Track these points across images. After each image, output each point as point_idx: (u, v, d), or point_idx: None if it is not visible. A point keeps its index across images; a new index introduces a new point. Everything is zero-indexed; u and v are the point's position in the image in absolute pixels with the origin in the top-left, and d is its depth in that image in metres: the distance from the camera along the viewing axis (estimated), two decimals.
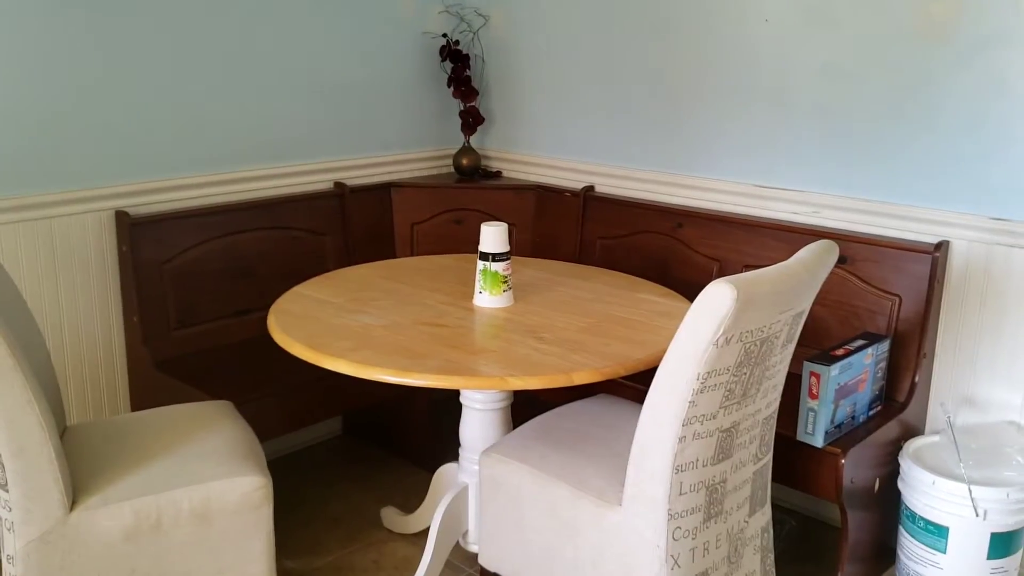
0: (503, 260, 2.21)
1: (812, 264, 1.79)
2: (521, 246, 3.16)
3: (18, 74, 2.35)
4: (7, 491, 1.75)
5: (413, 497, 2.77)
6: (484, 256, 2.21)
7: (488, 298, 2.23)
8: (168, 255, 2.63)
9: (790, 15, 2.58)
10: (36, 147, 2.42)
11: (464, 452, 2.32)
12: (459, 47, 3.26)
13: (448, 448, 2.84)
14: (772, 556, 2.08)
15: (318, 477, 2.97)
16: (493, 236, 2.21)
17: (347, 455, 3.13)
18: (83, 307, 2.56)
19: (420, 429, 3.02)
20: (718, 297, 1.58)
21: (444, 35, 3.26)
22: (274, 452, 3.03)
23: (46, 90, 2.41)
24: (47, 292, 2.48)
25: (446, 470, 2.47)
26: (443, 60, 3.26)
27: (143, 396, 2.62)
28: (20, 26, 2.34)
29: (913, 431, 2.43)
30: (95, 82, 2.49)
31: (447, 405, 2.78)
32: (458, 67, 3.25)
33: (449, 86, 3.27)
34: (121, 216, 2.53)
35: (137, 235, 2.56)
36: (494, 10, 3.29)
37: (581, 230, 3.09)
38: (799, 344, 1.95)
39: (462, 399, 2.30)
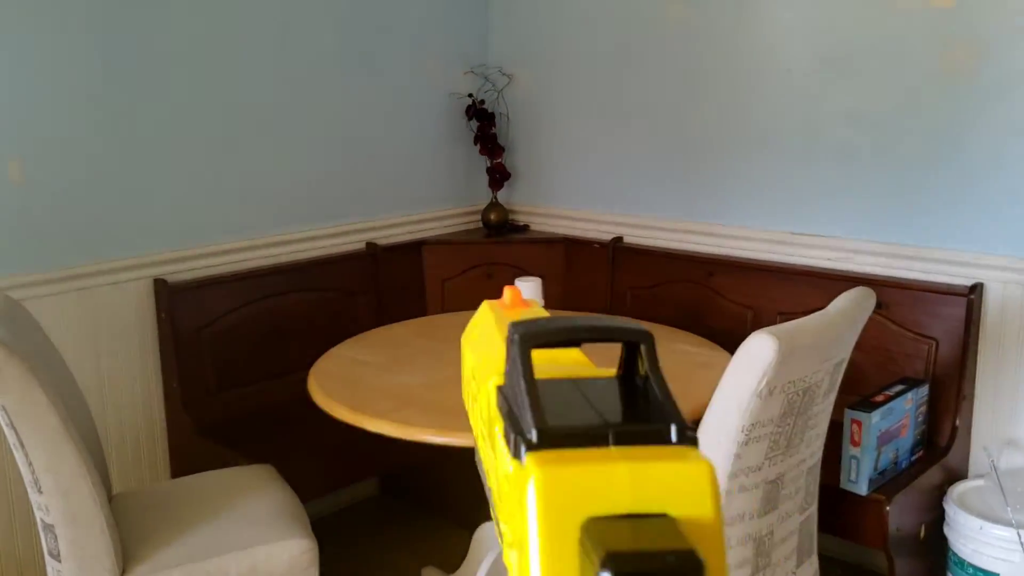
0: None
1: (851, 312, 1.80)
2: (552, 299, 3.18)
3: (57, 148, 2.42)
4: (60, 561, 1.77)
5: (453, 556, 2.76)
6: None
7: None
8: (206, 320, 2.67)
9: (812, 65, 2.62)
10: (76, 219, 2.47)
11: None
12: (484, 106, 3.32)
13: (486, 505, 2.83)
14: None
15: (358, 538, 2.96)
16: (527, 291, 2.23)
17: (385, 515, 3.13)
18: (124, 374, 2.60)
19: (457, 487, 3.02)
20: (760, 348, 1.59)
21: (470, 95, 3.32)
22: (313, 514, 3.02)
23: (85, 163, 2.47)
24: (88, 361, 2.52)
25: (487, 528, 2.46)
26: (469, 119, 3.31)
27: (184, 461, 2.64)
28: (60, 100, 2.41)
29: (957, 475, 2.41)
30: (132, 154, 2.56)
31: None
32: (484, 125, 3.30)
33: (476, 144, 3.33)
34: (160, 284, 2.58)
35: (175, 302, 2.60)
36: (517, 69, 3.35)
37: (611, 281, 3.11)
38: (839, 391, 1.95)
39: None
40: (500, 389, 0.44)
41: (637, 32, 3.00)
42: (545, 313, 0.53)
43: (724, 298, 2.81)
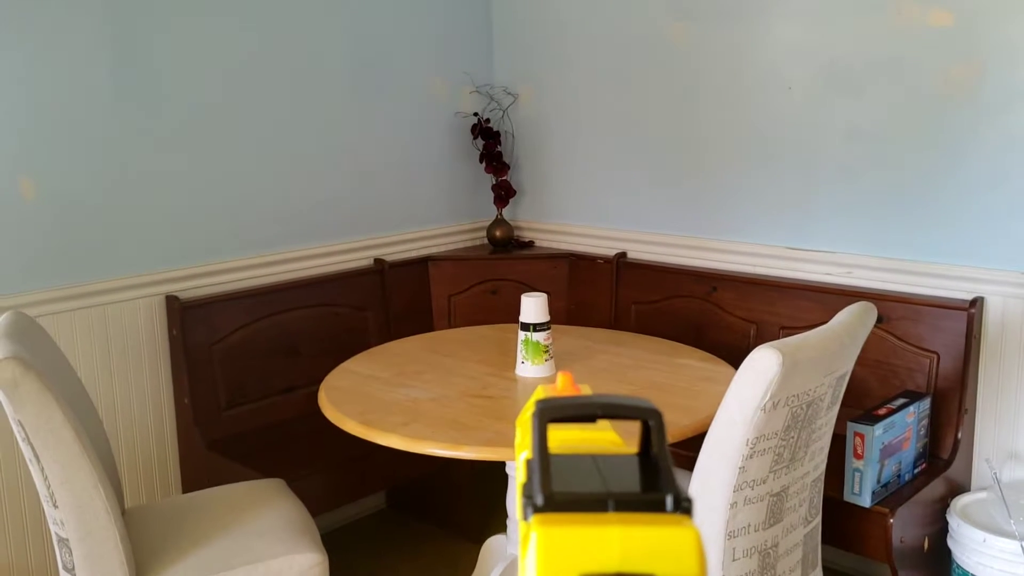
0: (544, 330, 2.26)
1: (853, 326, 1.83)
2: (556, 314, 3.22)
3: (71, 167, 2.46)
4: (74, 574, 1.80)
5: (460, 570, 2.78)
6: (525, 327, 2.26)
7: (531, 368, 2.28)
8: (217, 337, 2.71)
9: (813, 82, 2.66)
10: (88, 237, 2.51)
11: (513, 524, 2.34)
12: (490, 124, 3.36)
13: (493, 519, 2.85)
14: None
15: (366, 551, 2.99)
16: (533, 307, 2.26)
17: (392, 529, 3.15)
18: (136, 390, 2.63)
19: (464, 500, 3.05)
20: (764, 362, 1.62)
21: (475, 114, 3.37)
22: (322, 527, 3.05)
23: (98, 182, 2.51)
24: (101, 377, 2.56)
25: (494, 542, 2.49)
26: (475, 138, 3.36)
27: (195, 476, 2.67)
28: (72, 118, 2.45)
29: (959, 488, 2.43)
30: (144, 173, 2.60)
31: (490, 475, 2.81)
32: (489, 143, 3.35)
33: (481, 162, 3.37)
34: (171, 300, 2.62)
35: (187, 318, 2.64)
36: (522, 88, 3.40)
37: (615, 296, 3.14)
38: (842, 404, 1.98)
39: (508, 470, 2.33)
40: (528, 462, 0.50)
41: (639, 50, 3.05)
42: (587, 393, 0.61)
43: (727, 313, 2.84)
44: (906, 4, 2.46)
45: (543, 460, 0.47)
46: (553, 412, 0.49)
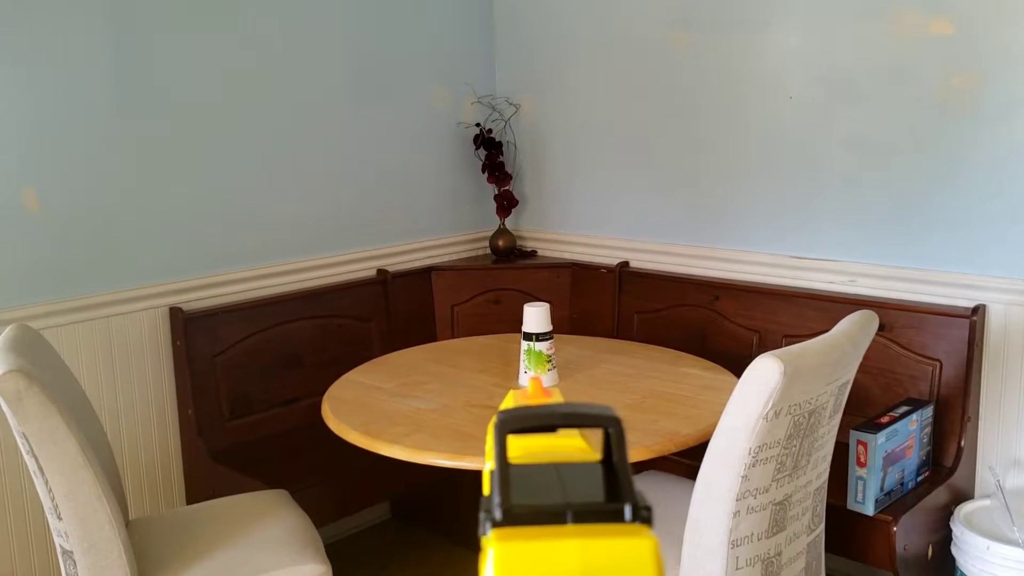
0: (546, 339, 2.27)
1: (854, 334, 1.83)
2: (559, 323, 3.22)
3: (74, 180, 2.47)
4: None
5: None
6: (528, 336, 2.26)
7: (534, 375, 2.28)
8: (220, 348, 2.71)
9: (814, 91, 2.67)
10: (92, 248, 2.52)
11: None
12: (492, 135, 3.37)
13: None
14: None
15: (370, 562, 2.99)
16: (536, 316, 2.26)
17: (396, 539, 3.15)
18: (139, 402, 2.64)
19: (468, 510, 3.04)
20: (766, 371, 1.62)
21: (478, 124, 3.38)
22: (326, 538, 3.05)
23: (101, 195, 2.53)
24: (105, 388, 2.56)
25: None
26: (477, 148, 3.37)
27: (198, 487, 2.68)
28: (75, 129, 2.47)
29: (963, 496, 2.43)
30: (147, 185, 2.61)
31: None
32: (492, 154, 3.36)
33: (483, 172, 3.38)
34: (175, 312, 2.63)
35: (191, 330, 2.64)
36: (524, 99, 3.41)
37: (618, 305, 3.14)
38: (844, 413, 1.98)
39: None
40: (491, 473, 0.50)
41: (640, 60, 3.06)
42: (558, 400, 0.60)
43: (730, 321, 2.85)
44: (907, 13, 2.47)
45: (503, 473, 0.47)
46: (512, 424, 0.49)
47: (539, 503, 0.46)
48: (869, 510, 2.17)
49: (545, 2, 3.29)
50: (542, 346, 2.26)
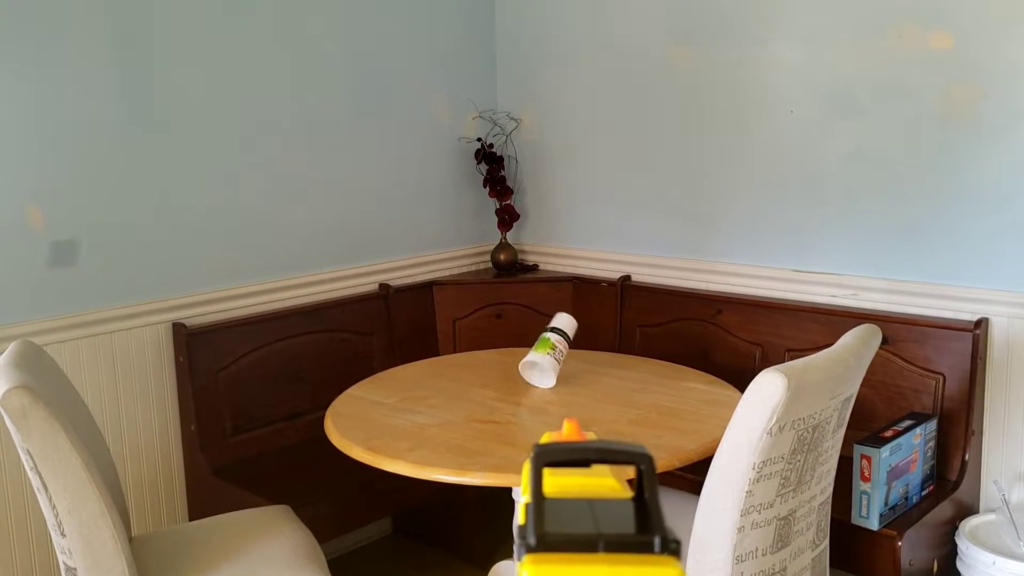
0: (561, 336, 2.37)
1: (858, 349, 1.83)
2: None
3: (76, 195, 2.48)
4: None
5: None
6: (550, 328, 2.39)
7: (532, 355, 2.34)
8: (223, 363, 2.71)
9: (814, 105, 2.67)
10: (95, 265, 2.53)
11: (521, 550, 2.33)
12: (493, 149, 3.38)
13: (500, 543, 2.84)
14: None
15: None
16: (565, 319, 2.41)
17: (399, 554, 3.14)
18: (142, 417, 2.63)
19: (471, 526, 3.04)
20: (770, 386, 1.62)
21: (479, 139, 3.39)
22: (328, 554, 3.04)
23: (104, 212, 2.53)
24: (108, 404, 2.56)
25: (502, 567, 2.48)
26: (478, 163, 3.38)
27: (201, 503, 2.67)
28: (78, 147, 2.47)
29: (968, 510, 2.42)
30: (149, 202, 2.62)
31: (496, 500, 2.80)
32: (493, 168, 3.37)
33: (485, 186, 3.38)
34: (178, 328, 2.63)
35: (193, 345, 2.64)
36: (525, 113, 3.42)
37: (620, 319, 3.14)
38: (848, 427, 1.98)
39: (515, 495, 2.33)
40: (527, 506, 0.52)
41: (641, 75, 3.07)
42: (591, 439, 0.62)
43: (732, 335, 2.85)
44: (907, 27, 2.48)
45: (537, 502, 0.49)
46: (548, 456, 0.51)
47: (572, 532, 0.48)
48: (874, 525, 2.17)
49: (546, 17, 3.31)
50: (555, 337, 2.36)
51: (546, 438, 0.63)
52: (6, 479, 2.39)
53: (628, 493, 0.53)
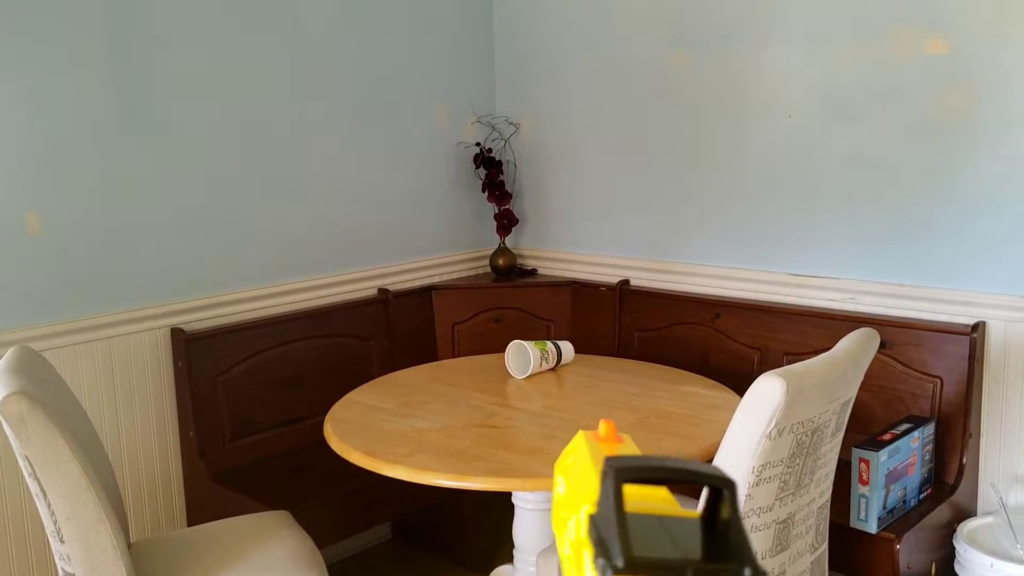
0: (557, 350, 2.50)
1: (856, 353, 1.84)
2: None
3: (74, 200, 2.48)
4: None
5: None
6: (554, 341, 2.54)
7: (527, 347, 2.45)
8: (221, 368, 2.71)
9: (812, 110, 2.68)
10: (94, 270, 2.53)
11: (520, 554, 2.33)
12: (492, 154, 3.39)
13: (499, 549, 2.84)
14: None
15: None
16: (570, 347, 2.57)
17: (398, 560, 3.14)
18: (141, 423, 2.63)
19: (469, 530, 3.04)
20: (768, 390, 1.62)
21: (478, 144, 3.40)
22: (327, 559, 3.03)
23: (103, 217, 2.53)
24: (106, 409, 2.56)
25: (501, 572, 2.48)
26: (477, 167, 3.38)
27: (200, 509, 2.67)
28: (77, 152, 2.47)
29: (965, 513, 2.42)
30: (148, 207, 2.62)
31: (496, 505, 2.80)
32: (492, 173, 3.37)
33: (484, 191, 3.39)
34: (177, 333, 2.63)
35: (192, 350, 2.64)
36: (524, 118, 3.43)
37: (619, 324, 3.15)
38: (846, 430, 1.98)
39: (514, 499, 2.33)
40: (592, 517, 0.50)
41: (640, 79, 3.07)
42: (636, 450, 0.59)
43: (731, 339, 2.85)
44: (903, 32, 2.49)
45: (621, 520, 0.47)
46: (629, 473, 0.49)
47: (658, 556, 0.46)
48: (872, 528, 2.17)
49: (544, 22, 3.32)
50: (551, 346, 2.50)
51: (580, 438, 0.61)
52: (4, 485, 2.39)
53: (695, 512, 0.52)
